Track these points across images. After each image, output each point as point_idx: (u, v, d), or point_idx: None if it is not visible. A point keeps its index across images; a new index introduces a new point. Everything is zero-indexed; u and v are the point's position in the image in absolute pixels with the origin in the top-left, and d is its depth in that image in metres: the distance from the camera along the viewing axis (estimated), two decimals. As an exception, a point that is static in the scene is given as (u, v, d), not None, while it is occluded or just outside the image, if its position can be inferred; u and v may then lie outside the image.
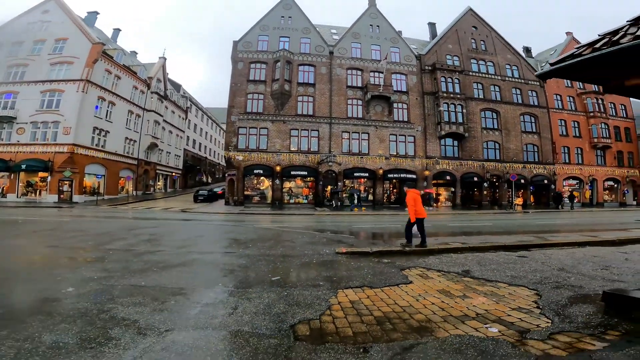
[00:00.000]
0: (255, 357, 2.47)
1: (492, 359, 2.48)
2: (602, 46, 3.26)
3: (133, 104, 34.23)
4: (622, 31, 3.28)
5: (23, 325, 2.88)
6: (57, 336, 2.73)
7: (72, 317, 3.13)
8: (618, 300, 3.40)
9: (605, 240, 8.86)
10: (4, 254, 6.14)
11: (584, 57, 3.29)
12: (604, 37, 3.40)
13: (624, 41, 3.07)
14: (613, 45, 3.10)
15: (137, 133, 35.57)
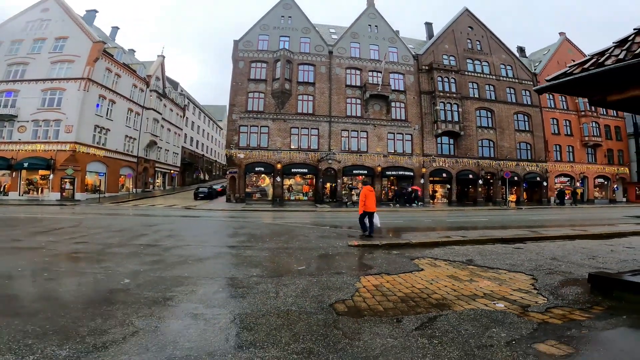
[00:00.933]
0: (310, 328, 3.05)
1: (503, 325, 3.09)
2: (589, 66, 3.86)
3: (133, 102, 34.44)
4: (607, 53, 3.88)
5: (111, 312, 3.42)
6: (146, 322, 3.29)
7: (145, 304, 3.68)
8: (601, 281, 4.03)
9: (593, 234, 9.58)
10: (45, 250, 6.61)
11: (574, 76, 3.90)
12: (592, 57, 4.00)
13: (608, 63, 3.67)
14: (598, 67, 3.70)
15: (136, 131, 35.81)
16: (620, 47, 3.74)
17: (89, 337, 2.65)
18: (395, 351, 2.55)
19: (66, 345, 2.46)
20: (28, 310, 3.25)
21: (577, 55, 38.28)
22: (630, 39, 3.68)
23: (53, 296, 3.82)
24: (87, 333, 2.73)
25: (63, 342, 2.51)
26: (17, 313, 3.10)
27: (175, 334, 2.83)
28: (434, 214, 20.02)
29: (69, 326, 2.87)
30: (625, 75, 3.57)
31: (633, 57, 3.39)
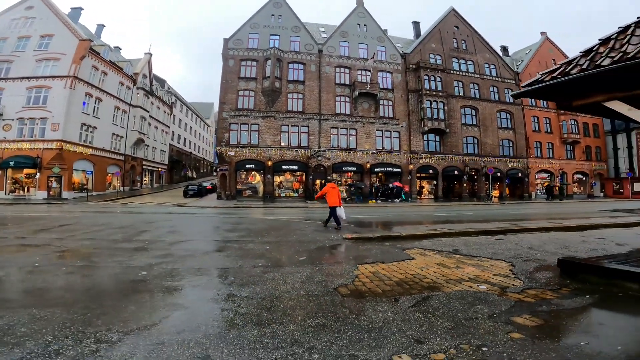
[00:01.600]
0: (320, 307, 3.50)
1: (485, 302, 3.62)
2: (558, 75, 4.40)
3: (120, 100, 34.08)
4: (573, 62, 4.42)
5: (140, 299, 3.80)
6: (174, 307, 3.68)
7: (168, 292, 4.06)
8: (568, 265, 4.62)
9: (568, 226, 10.33)
10: (54, 247, 6.85)
11: (545, 84, 4.44)
12: (560, 66, 4.54)
13: (573, 72, 4.21)
14: (565, 76, 4.24)
15: (123, 129, 35.46)
16: (585, 57, 4.27)
17: (130, 321, 3.01)
18: (396, 323, 3.03)
19: (114, 329, 2.83)
20: (65, 300, 3.59)
21: (558, 55, 39.68)
22: (594, 49, 4.21)
23: (81, 288, 4.15)
24: (127, 318, 3.11)
25: (110, 326, 2.88)
26: (56, 304, 3.43)
27: (203, 316, 3.23)
28: (421, 209, 20.74)
29: (109, 313, 3.23)
30: (587, 83, 4.12)
31: (595, 67, 3.92)
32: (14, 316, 2.90)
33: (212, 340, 2.59)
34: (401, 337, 2.70)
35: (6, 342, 2.37)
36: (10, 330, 2.58)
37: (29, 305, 3.27)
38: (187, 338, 2.62)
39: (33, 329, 2.65)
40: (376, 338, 2.69)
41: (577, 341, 2.64)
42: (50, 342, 2.44)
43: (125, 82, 34.87)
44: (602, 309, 3.48)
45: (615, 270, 4.02)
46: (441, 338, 2.69)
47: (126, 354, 2.33)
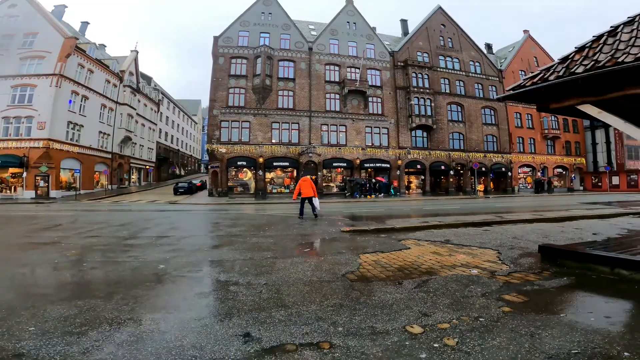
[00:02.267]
0: (334, 291, 3.92)
1: (478, 283, 4.11)
2: (537, 80, 4.90)
3: (106, 98, 33.68)
4: (551, 69, 4.93)
5: (168, 289, 4.15)
6: (202, 294, 4.05)
7: (191, 281, 4.42)
8: (548, 251, 5.17)
9: (548, 218, 11.04)
10: (64, 244, 7.06)
11: (525, 89, 4.94)
12: (540, 72, 5.03)
13: (551, 78, 4.71)
14: (544, 82, 4.75)
15: (110, 127, 35.09)
16: (562, 64, 4.77)
17: (169, 307, 3.37)
18: (403, 301, 3.48)
19: (159, 313, 3.17)
20: (101, 293, 3.85)
21: (539, 52, 40.99)
22: (570, 57, 4.72)
23: (110, 281, 4.43)
24: (165, 304, 3.47)
25: (154, 312, 3.21)
26: (94, 296, 3.69)
27: (231, 299, 3.61)
28: (410, 204, 21.41)
29: (149, 301, 3.58)
30: (562, 89, 4.63)
31: (570, 74, 4.43)
32: (63, 309, 3.20)
33: (247, 321, 2.98)
34: (410, 312, 3.16)
35: (70, 332, 2.66)
36: (67, 321, 2.88)
37: (70, 298, 3.54)
38: (224, 319, 3.01)
39: (86, 319, 2.96)
40: (388, 313, 3.13)
41: (556, 314, 3.14)
42: (109, 329, 2.75)
43: (111, 79, 34.41)
44: (577, 289, 4.02)
45: (589, 255, 4.57)
46: (444, 312, 3.15)
47: (178, 336, 2.69)
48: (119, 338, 2.57)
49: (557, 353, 2.33)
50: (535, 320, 2.94)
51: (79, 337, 2.57)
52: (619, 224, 9.67)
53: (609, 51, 4.08)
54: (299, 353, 2.37)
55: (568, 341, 2.50)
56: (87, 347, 2.42)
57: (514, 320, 2.93)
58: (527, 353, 2.34)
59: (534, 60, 40.15)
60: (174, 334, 2.65)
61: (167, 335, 2.62)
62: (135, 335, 2.61)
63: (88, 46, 30.15)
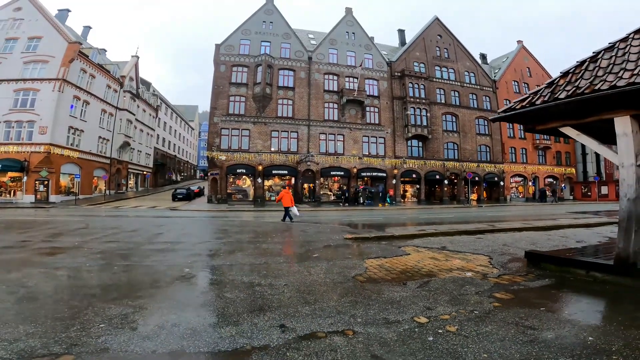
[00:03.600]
0: (348, 290, 4.48)
1: (472, 284, 4.70)
2: (526, 104, 5.53)
3: (106, 103, 34.03)
4: (539, 93, 5.57)
5: (206, 289, 4.67)
6: (235, 292, 4.59)
7: (217, 284, 4.94)
8: (533, 257, 5.79)
9: (536, 226, 11.72)
10: (86, 249, 7.50)
11: (515, 112, 5.58)
12: (529, 96, 5.65)
13: (537, 102, 5.35)
14: (531, 105, 5.38)
15: (109, 132, 35.40)
16: (548, 89, 5.39)
17: (208, 305, 3.91)
18: (409, 298, 4.06)
19: (203, 309, 3.72)
20: (145, 293, 4.40)
21: (532, 63, 42.16)
22: (555, 81, 5.34)
23: (146, 283, 4.95)
24: (204, 302, 4.01)
25: (198, 309, 3.77)
26: (140, 296, 4.20)
27: (259, 297, 4.14)
28: (406, 212, 22.07)
29: (190, 299, 4.12)
30: (547, 112, 5.27)
31: (553, 99, 5.05)
32: (119, 307, 3.71)
33: (279, 315, 3.52)
34: (415, 307, 3.73)
35: (134, 327, 3.14)
36: (128, 318, 3.39)
37: (120, 298, 4.01)
38: (259, 314, 3.55)
39: (144, 315, 3.49)
40: (398, 307, 3.71)
41: (537, 307, 3.74)
42: (169, 325, 3.29)
43: (112, 85, 34.81)
44: (557, 288, 4.63)
45: (567, 260, 5.21)
46: (444, 306, 3.74)
47: (228, 328, 3.23)
48: (177, 333, 3.10)
49: (537, 337, 2.92)
50: (520, 313, 3.54)
51: (146, 333, 3.09)
52: (602, 232, 10.38)
53: (588, 77, 4.72)
54: (329, 338, 2.93)
55: (545, 328, 3.10)
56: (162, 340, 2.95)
57: (502, 313, 3.53)
58: (512, 336, 2.93)
59: (527, 70, 41.34)
60: (222, 326, 3.19)
61: (219, 329, 3.15)
62: (190, 329, 3.14)
63: (91, 51, 30.60)
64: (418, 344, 2.80)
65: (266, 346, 2.74)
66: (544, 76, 42.20)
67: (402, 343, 2.82)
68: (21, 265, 5.67)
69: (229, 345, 2.74)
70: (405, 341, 2.86)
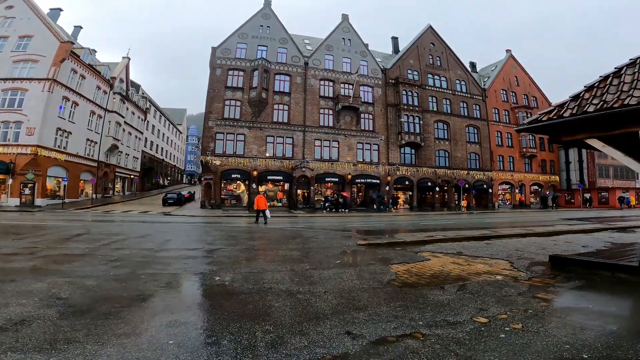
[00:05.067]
0: (391, 295, 4.49)
1: (509, 286, 4.80)
2: (553, 116, 5.74)
3: (96, 105, 33.29)
4: (565, 106, 5.77)
5: (254, 298, 4.61)
6: (282, 304, 4.54)
7: (259, 292, 4.90)
8: (558, 260, 5.97)
9: (539, 232, 12.06)
10: (100, 256, 7.27)
11: (542, 123, 5.78)
12: (554, 108, 5.87)
13: (565, 115, 5.56)
14: (559, 118, 5.59)
15: (98, 134, 34.60)
16: (574, 102, 5.61)
17: (262, 315, 3.87)
18: (455, 301, 4.11)
19: (259, 320, 3.68)
20: (189, 302, 4.32)
21: (520, 72, 43.44)
22: (580, 95, 5.58)
23: (190, 289, 4.86)
24: (254, 312, 3.97)
25: (253, 319, 3.72)
26: (189, 307, 4.16)
27: (307, 305, 4.12)
28: (404, 219, 22.28)
29: (240, 312, 4.06)
30: (575, 124, 5.49)
31: (582, 112, 5.26)
32: (191, 316, 3.65)
33: (338, 322, 3.50)
34: (468, 308, 3.79)
35: (211, 342, 3.12)
36: (205, 332, 3.34)
37: (165, 310, 3.90)
38: (319, 322, 3.53)
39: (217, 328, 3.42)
40: (451, 309, 3.76)
41: (582, 305, 3.88)
42: (234, 339, 3.24)
43: (102, 86, 34.10)
44: (590, 288, 4.80)
45: (593, 263, 5.39)
46: (496, 307, 3.82)
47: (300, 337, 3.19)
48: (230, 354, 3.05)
49: (603, 327, 3.01)
50: (570, 309, 3.69)
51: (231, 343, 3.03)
52: (602, 238, 10.75)
53: (614, 92, 4.95)
54: (402, 342, 2.94)
55: (591, 319, 3.27)
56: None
57: (554, 311, 3.65)
58: (574, 330, 3.05)
59: (515, 79, 42.64)
60: (291, 336, 3.15)
61: (290, 338, 3.12)
62: (262, 339, 3.10)
63: (82, 51, 29.93)
64: (494, 341, 2.88)
65: (346, 354, 2.72)
66: (531, 85, 43.72)
67: (477, 341, 2.88)
68: (39, 274, 5.40)
69: (310, 356, 2.68)
70: (479, 340, 2.91)
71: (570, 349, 2.71)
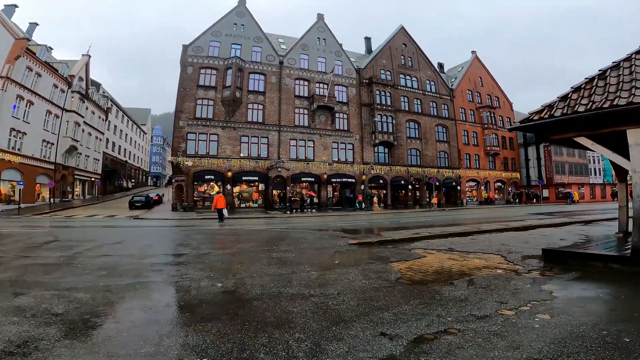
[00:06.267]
0: (403, 293, 4.47)
1: (514, 279, 4.95)
2: (544, 115, 6.01)
3: (52, 104, 31.11)
4: (555, 106, 6.04)
5: (263, 305, 4.39)
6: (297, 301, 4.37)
7: (273, 298, 4.70)
8: (551, 253, 6.26)
9: (515, 227, 12.64)
10: (82, 265, 6.70)
11: (534, 122, 6.03)
12: (544, 108, 6.15)
13: (557, 114, 5.83)
14: (551, 117, 5.86)
15: (55, 135, 32.37)
16: (562, 102, 5.91)
17: (283, 324, 3.70)
18: (472, 295, 4.17)
19: (280, 329, 3.51)
20: (218, 311, 4.05)
21: (483, 73, 45.42)
22: (568, 96, 5.88)
23: (194, 299, 4.57)
24: (277, 321, 3.79)
25: (276, 327, 3.55)
26: (211, 318, 3.90)
27: (326, 308, 3.99)
28: (383, 217, 22.60)
29: (266, 314, 3.86)
30: (565, 123, 5.78)
31: (573, 112, 5.54)
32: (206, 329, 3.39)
33: (367, 324, 3.40)
34: (488, 302, 3.86)
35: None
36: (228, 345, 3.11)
37: (179, 324, 3.64)
38: (347, 326, 3.42)
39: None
40: (473, 304, 3.79)
41: (583, 294, 4.07)
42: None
43: (59, 84, 31.84)
44: (586, 278, 5.06)
45: (586, 254, 5.70)
46: (514, 300, 3.93)
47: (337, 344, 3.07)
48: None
49: (608, 309, 3.16)
50: (580, 298, 3.85)
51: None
52: (574, 231, 11.46)
53: (602, 93, 5.25)
54: (442, 338, 2.92)
55: (608, 305, 3.41)
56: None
57: (571, 301, 3.85)
58: (600, 314, 3.20)
59: (479, 80, 44.63)
60: (327, 342, 3.02)
61: (327, 345, 2.99)
62: (300, 348, 2.95)
63: (39, 48, 27.71)
64: (532, 331, 2.98)
65: (392, 356, 2.64)
66: (494, 86, 45.96)
67: (515, 333, 2.94)
68: (20, 287, 4.84)
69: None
70: (516, 331, 2.99)
71: (605, 328, 2.87)
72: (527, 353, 2.56)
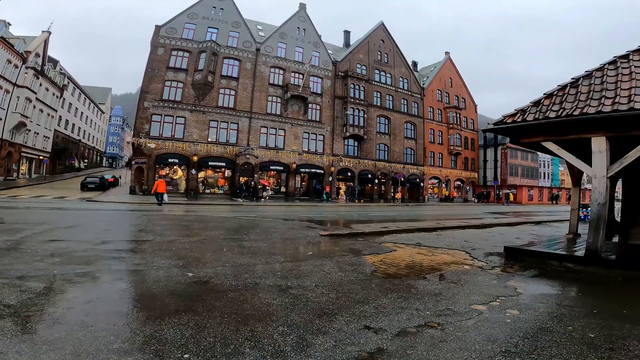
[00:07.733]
0: (381, 286, 4.54)
1: (479, 275, 5.22)
2: (517, 119, 6.28)
3: (3, 79, 28.38)
4: (527, 111, 6.31)
5: (239, 297, 4.25)
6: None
7: (250, 289, 4.57)
8: (512, 251, 6.65)
9: (475, 225, 13.34)
10: (30, 251, 6.17)
11: (507, 125, 6.31)
12: (517, 112, 6.42)
13: (529, 119, 6.11)
14: (523, 121, 6.13)
15: (3, 110, 29.75)
16: (535, 107, 6.16)
17: (270, 314, 3.61)
18: (445, 290, 4.34)
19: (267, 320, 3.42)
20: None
21: (454, 74, 46.92)
22: (541, 101, 6.18)
23: (167, 293, 4.33)
24: (256, 313, 3.70)
25: (272, 321, 3.45)
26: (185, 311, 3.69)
27: (305, 301, 3.95)
28: (350, 209, 22.91)
29: (244, 306, 3.73)
30: (534, 128, 6.08)
31: (544, 117, 5.82)
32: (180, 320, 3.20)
33: (351, 317, 3.39)
34: (460, 297, 4.03)
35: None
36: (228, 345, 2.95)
37: (150, 317, 3.45)
38: (330, 319, 3.41)
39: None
40: (447, 299, 3.94)
41: (544, 290, 4.38)
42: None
43: (13, 60, 29.46)
44: (545, 276, 5.45)
45: (544, 253, 6.12)
46: (483, 296, 4.12)
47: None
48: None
49: (568, 304, 3.41)
50: (542, 295, 4.11)
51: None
52: (526, 231, 12.33)
53: (572, 100, 5.57)
54: (424, 331, 3.00)
55: (566, 300, 3.67)
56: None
57: (534, 297, 4.10)
58: (561, 309, 3.41)
59: (450, 81, 46.15)
60: (313, 336, 2.99)
61: (315, 338, 2.95)
62: (287, 341, 2.88)
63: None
64: (504, 326, 3.17)
65: (380, 350, 2.66)
66: (462, 87, 47.76)
67: (490, 327, 3.11)
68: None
69: (346, 355, 2.55)
70: (491, 326, 3.16)
71: (570, 324, 3.11)
72: (505, 346, 2.69)
